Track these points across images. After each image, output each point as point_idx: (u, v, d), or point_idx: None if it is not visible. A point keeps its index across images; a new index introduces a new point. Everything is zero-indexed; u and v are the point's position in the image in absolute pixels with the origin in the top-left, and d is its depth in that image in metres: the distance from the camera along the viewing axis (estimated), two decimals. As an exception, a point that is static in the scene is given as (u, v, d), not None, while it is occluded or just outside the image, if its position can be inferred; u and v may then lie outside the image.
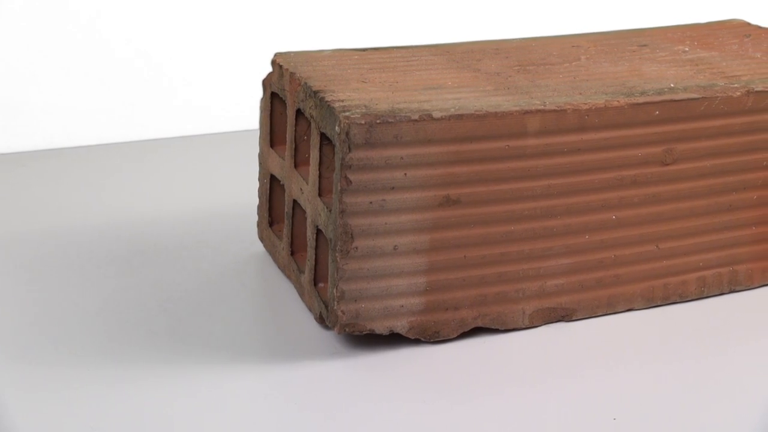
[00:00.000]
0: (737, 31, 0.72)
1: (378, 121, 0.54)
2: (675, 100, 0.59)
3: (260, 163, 0.66)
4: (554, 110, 0.56)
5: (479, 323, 0.58)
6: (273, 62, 0.63)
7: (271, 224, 0.66)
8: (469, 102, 0.56)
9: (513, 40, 0.69)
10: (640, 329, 0.60)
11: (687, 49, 0.68)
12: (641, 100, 0.58)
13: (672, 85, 0.60)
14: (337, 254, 0.55)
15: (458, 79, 0.60)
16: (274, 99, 0.64)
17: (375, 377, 0.55)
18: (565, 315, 0.60)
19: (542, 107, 0.56)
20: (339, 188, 0.54)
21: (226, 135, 0.87)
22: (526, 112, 0.56)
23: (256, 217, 0.69)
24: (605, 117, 0.57)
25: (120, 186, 0.77)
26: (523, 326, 0.59)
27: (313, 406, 0.53)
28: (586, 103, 0.57)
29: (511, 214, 0.57)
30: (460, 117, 0.55)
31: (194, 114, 0.88)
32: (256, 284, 0.64)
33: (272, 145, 0.64)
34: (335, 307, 0.56)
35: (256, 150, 0.70)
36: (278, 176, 0.64)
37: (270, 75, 0.63)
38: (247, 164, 0.73)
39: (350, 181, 0.54)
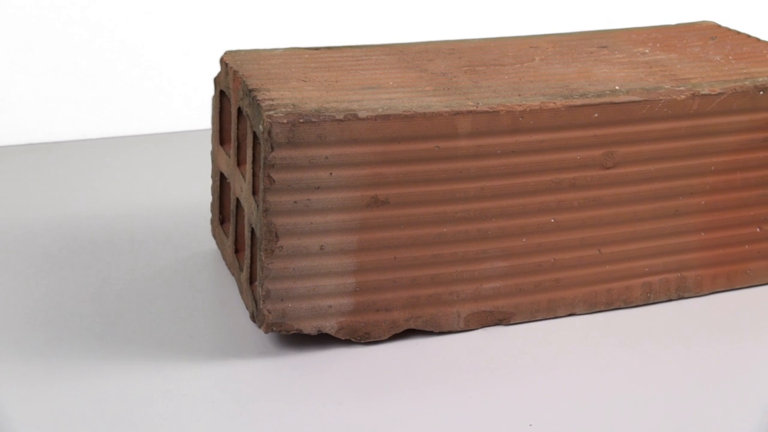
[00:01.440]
0: (705, 33, 0.70)
1: (301, 121, 0.53)
2: (615, 103, 0.58)
3: (212, 161, 0.66)
4: (486, 111, 0.56)
5: (412, 325, 0.58)
6: (221, 60, 0.63)
7: (222, 222, 0.66)
8: (399, 102, 0.56)
9: (473, 40, 0.69)
10: (580, 334, 0.60)
11: (647, 51, 0.67)
12: (579, 102, 0.57)
13: (617, 88, 0.59)
14: (262, 253, 0.55)
15: (401, 79, 0.60)
16: (222, 97, 0.64)
17: (297, 377, 0.55)
18: (503, 318, 0.60)
19: (474, 108, 0.56)
20: (262, 187, 0.54)
21: (193, 133, 0.88)
22: (457, 113, 0.55)
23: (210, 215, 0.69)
24: (540, 119, 0.57)
25: (90, 182, 0.77)
26: (459, 329, 0.59)
27: (227, 405, 0.53)
28: (520, 105, 0.56)
29: (443, 216, 0.57)
30: (386, 117, 0.55)
31: (160, 112, 0.88)
32: (203, 281, 0.64)
33: (222, 143, 0.65)
34: (261, 306, 0.56)
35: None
36: (226, 174, 0.64)
37: (219, 73, 0.64)
38: (208, 162, 0.74)
39: (273, 180, 0.54)
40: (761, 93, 0.60)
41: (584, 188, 0.59)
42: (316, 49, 0.65)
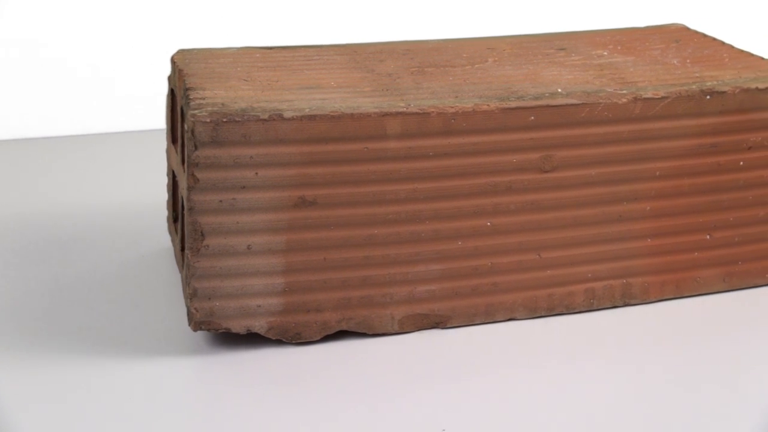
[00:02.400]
0: (670, 36, 0.69)
1: (225, 120, 0.54)
2: (552, 106, 0.57)
3: (167, 159, 0.67)
4: (416, 113, 0.56)
5: (344, 327, 0.58)
6: (171, 59, 0.63)
7: (175, 220, 0.66)
8: (328, 103, 0.56)
9: (432, 41, 0.68)
10: (519, 340, 0.59)
11: (605, 53, 0.66)
12: (514, 104, 0.57)
13: (559, 90, 0.58)
14: (188, 252, 0.55)
15: (344, 79, 0.60)
16: (173, 96, 0.64)
17: (225, 376, 0.55)
18: (440, 322, 0.59)
19: (404, 110, 0.55)
20: (187, 186, 0.54)
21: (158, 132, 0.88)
22: (386, 114, 0.55)
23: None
24: (473, 121, 0.56)
25: (53, 180, 0.78)
26: (393, 331, 0.59)
27: (149, 402, 0.53)
28: (452, 107, 0.56)
29: (374, 218, 0.56)
30: (313, 118, 0.54)
31: (125, 109, 0.89)
32: (154, 278, 0.64)
33: (174, 141, 0.65)
34: (189, 305, 0.56)
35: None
36: (176, 172, 0.64)
37: (171, 72, 0.64)
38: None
39: (197, 179, 0.54)
40: (708, 97, 0.59)
41: (522, 192, 0.58)
42: (270, 48, 0.66)
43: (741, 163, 0.61)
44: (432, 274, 0.58)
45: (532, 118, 0.57)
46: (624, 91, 0.58)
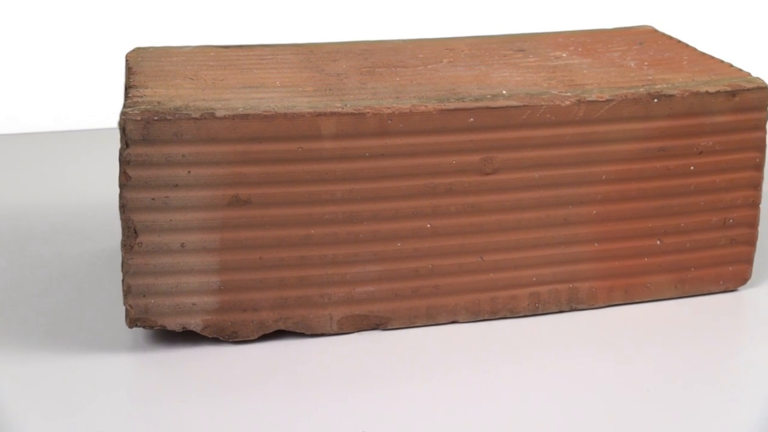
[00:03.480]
0: (635, 37, 0.68)
1: (156, 118, 0.54)
2: (492, 108, 0.57)
3: (125, 157, 0.67)
4: (352, 113, 0.55)
5: (281, 326, 0.58)
6: (125, 57, 0.64)
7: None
8: (264, 102, 0.56)
9: (392, 41, 0.68)
10: (460, 342, 0.58)
11: (564, 55, 0.65)
12: (452, 106, 0.56)
13: (504, 92, 0.58)
14: (122, 249, 0.55)
15: (291, 79, 0.60)
16: (128, 94, 0.65)
17: (157, 374, 0.56)
18: (380, 323, 0.59)
19: (339, 110, 0.55)
20: (119, 183, 0.54)
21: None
22: (320, 114, 0.55)
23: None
24: (411, 122, 0.56)
25: (9, 178, 0.79)
26: (332, 332, 0.59)
27: (79, 398, 0.53)
28: (388, 108, 0.56)
29: (310, 218, 0.56)
30: (245, 117, 0.54)
31: (86, 107, 0.90)
32: (104, 275, 0.65)
33: (130, 138, 0.65)
34: (124, 302, 0.56)
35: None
36: (130, 170, 0.64)
37: (127, 70, 0.64)
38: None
39: (129, 177, 0.54)
40: (656, 101, 0.58)
41: (462, 194, 0.57)
42: (227, 47, 0.66)
43: (691, 167, 0.60)
44: (371, 275, 0.58)
45: (472, 119, 0.56)
46: (568, 94, 0.58)
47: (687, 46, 0.67)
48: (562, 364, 0.57)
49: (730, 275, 0.62)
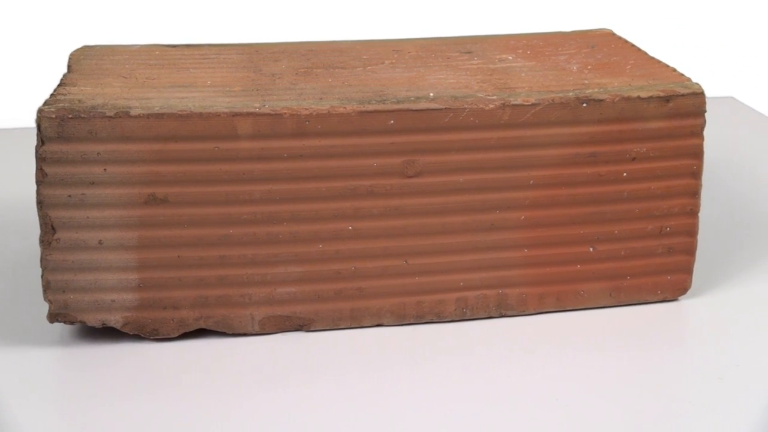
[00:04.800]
0: (589, 41, 0.67)
1: (70, 116, 0.54)
2: (413, 110, 0.56)
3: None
4: (269, 114, 0.55)
5: (202, 325, 0.58)
6: (69, 55, 0.65)
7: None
8: (182, 102, 0.56)
9: (341, 41, 0.68)
10: (384, 345, 0.58)
11: (510, 58, 0.64)
12: (371, 108, 0.56)
13: (431, 94, 0.57)
14: (41, 245, 0.56)
15: (222, 79, 0.60)
16: (74, 91, 0.65)
17: (76, 369, 0.56)
18: (303, 324, 0.59)
19: (256, 110, 0.55)
20: (37, 180, 0.55)
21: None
22: (236, 115, 0.55)
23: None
24: (329, 124, 0.56)
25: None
26: (254, 332, 0.59)
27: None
28: (306, 109, 0.56)
29: (229, 217, 0.56)
30: (160, 116, 0.55)
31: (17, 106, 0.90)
32: (31, 271, 0.65)
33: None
34: (44, 297, 0.57)
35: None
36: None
37: (74, 68, 0.65)
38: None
39: (46, 174, 0.55)
40: (584, 105, 0.57)
41: (384, 196, 0.57)
42: (174, 46, 0.66)
43: (624, 174, 0.59)
44: (292, 276, 0.58)
45: (392, 122, 0.56)
46: (493, 97, 0.57)
47: (638, 50, 0.66)
48: (482, 369, 0.56)
49: (669, 285, 0.61)
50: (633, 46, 0.66)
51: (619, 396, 0.54)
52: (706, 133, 0.59)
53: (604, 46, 0.66)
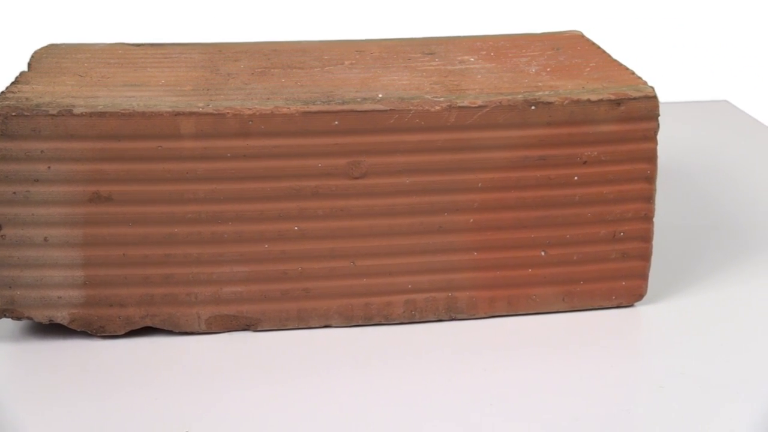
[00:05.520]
0: (555, 43, 0.67)
1: (13, 114, 0.55)
2: (357, 111, 0.56)
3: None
4: (211, 114, 0.55)
5: (148, 323, 0.58)
6: (32, 53, 0.65)
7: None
8: (127, 101, 0.56)
9: (305, 42, 0.68)
10: (331, 346, 0.58)
11: (472, 59, 0.64)
12: (315, 108, 0.56)
13: (380, 96, 0.57)
14: (-13, 241, 0.56)
15: (176, 78, 0.60)
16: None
17: (21, 365, 0.57)
18: (250, 324, 0.59)
19: (199, 110, 0.55)
20: (-18, 176, 0.56)
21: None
22: (179, 114, 0.55)
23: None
24: (272, 124, 0.56)
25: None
26: (201, 331, 0.59)
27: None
28: (249, 109, 0.56)
29: (173, 216, 0.57)
30: (102, 115, 0.55)
31: None
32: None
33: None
34: (-9, 292, 0.57)
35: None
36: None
37: (40, 65, 0.66)
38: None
39: (-10, 171, 0.55)
40: (533, 108, 0.57)
41: (329, 197, 0.57)
42: (139, 45, 0.66)
43: (575, 178, 0.58)
44: (238, 275, 0.58)
45: (336, 123, 0.56)
46: (440, 99, 0.57)
47: (603, 52, 0.65)
48: (427, 372, 0.56)
49: (624, 290, 0.60)
50: (599, 48, 0.66)
51: (557, 402, 0.53)
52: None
53: (568, 49, 0.65)
